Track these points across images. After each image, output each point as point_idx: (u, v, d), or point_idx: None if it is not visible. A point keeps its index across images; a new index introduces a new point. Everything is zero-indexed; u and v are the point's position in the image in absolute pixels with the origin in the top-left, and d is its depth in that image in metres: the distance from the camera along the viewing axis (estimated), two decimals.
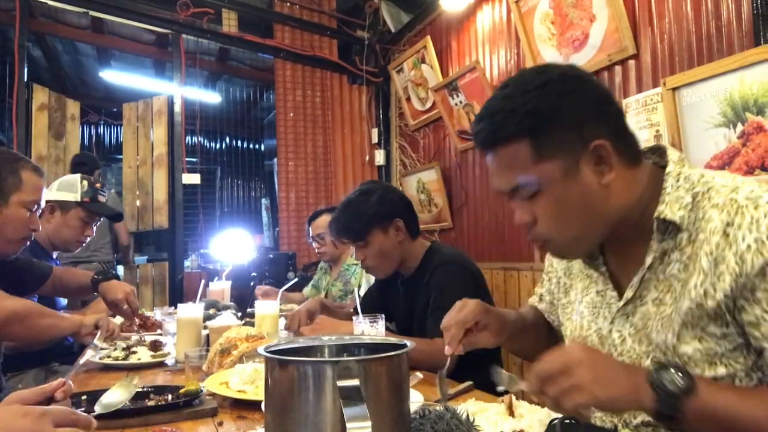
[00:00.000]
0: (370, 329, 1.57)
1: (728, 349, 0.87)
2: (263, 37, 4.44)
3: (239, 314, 2.31)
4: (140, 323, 2.22)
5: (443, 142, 3.95)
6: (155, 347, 1.82)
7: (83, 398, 1.17)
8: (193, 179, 4.25)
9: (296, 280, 2.87)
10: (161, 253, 5.90)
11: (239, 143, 7.48)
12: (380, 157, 4.63)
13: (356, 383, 0.64)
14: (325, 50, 4.62)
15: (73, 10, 4.00)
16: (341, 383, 0.64)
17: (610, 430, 1.06)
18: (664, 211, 0.91)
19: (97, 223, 2.63)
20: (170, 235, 4.38)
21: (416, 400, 1.14)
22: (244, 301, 2.96)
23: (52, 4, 3.86)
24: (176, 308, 1.99)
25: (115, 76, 5.60)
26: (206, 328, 1.88)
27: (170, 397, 1.24)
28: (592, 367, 0.82)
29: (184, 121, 4.28)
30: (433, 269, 1.85)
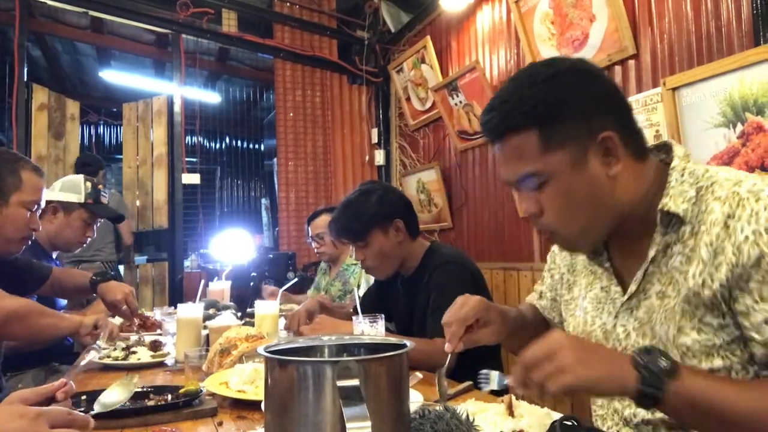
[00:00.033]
0: (369, 329, 1.57)
1: (726, 341, 0.87)
2: (263, 37, 4.44)
3: (239, 314, 2.31)
4: (140, 323, 2.22)
5: (443, 142, 3.95)
6: (155, 347, 1.81)
7: (83, 398, 1.17)
8: (192, 179, 4.25)
9: (296, 280, 2.87)
10: (161, 253, 5.90)
11: (239, 143, 7.47)
12: (380, 157, 4.63)
13: (356, 383, 0.64)
14: (324, 50, 4.62)
15: (72, 9, 4.00)
16: (341, 383, 0.64)
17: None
18: (668, 203, 0.91)
19: (98, 224, 2.64)
20: (170, 235, 4.38)
21: (416, 400, 1.14)
22: (243, 301, 2.96)
23: (51, 3, 3.86)
24: (176, 308, 1.99)
25: (114, 76, 5.60)
26: (206, 328, 1.88)
27: (170, 397, 1.24)
28: (575, 349, 0.82)
29: (183, 121, 4.28)
30: (433, 269, 1.85)
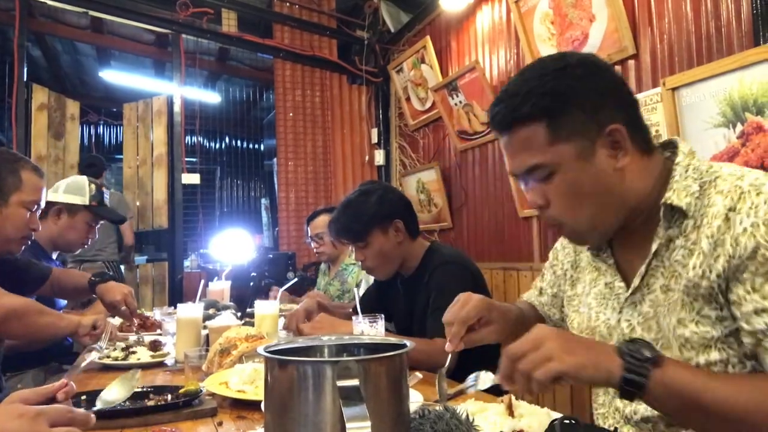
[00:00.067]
0: (369, 329, 1.57)
1: (723, 333, 0.88)
2: (263, 37, 4.44)
3: (239, 314, 2.31)
4: (140, 323, 2.22)
5: (443, 142, 3.95)
6: (155, 347, 1.81)
7: (82, 398, 1.17)
8: (192, 179, 4.25)
9: (296, 280, 2.87)
10: (161, 253, 5.90)
11: (239, 143, 7.47)
12: (380, 157, 4.63)
13: (356, 383, 0.64)
14: (324, 50, 4.62)
15: (72, 9, 4.00)
16: (341, 383, 0.64)
17: (609, 430, 1.06)
18: (671, 197, 0.92)
19: (99, 225, 2.65)
20: (170, 235, 4.38)
21: (416, 400, 1.14)
22: (243, 301, 2.96)
23: (51, 3, 3.86)
24: (176, 308, 1.99)
25: (114, 76, 5.60)
26: (206, 328, 1.88)
27: (170, 397, 1.24)
28: (560, 339, 0.85)
29: (183, 121, 4.28)
30: (432, 269, 1.85)
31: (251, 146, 7.44)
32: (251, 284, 3.46)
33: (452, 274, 1.82)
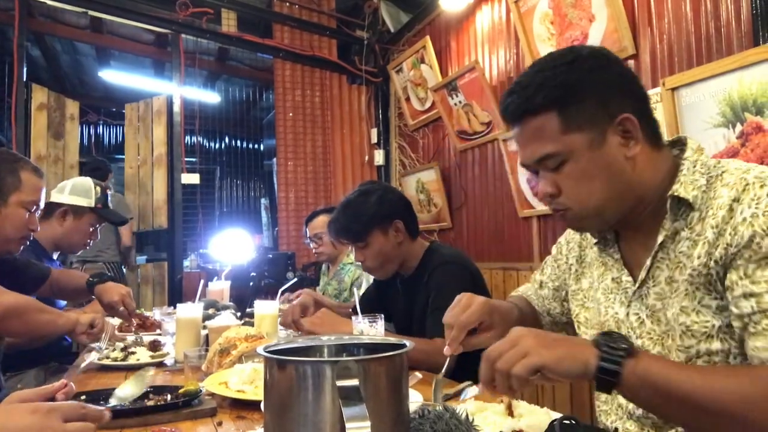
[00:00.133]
0: (369, 329, 1.57)
1: (725, 323, 0.89)
2: (262, 36, 4.44)
3: (238, 314, 2.31)
4: (139, 323, 2.22)
5: (442, 142, 3.95)
6: (154, 347, 1.81)
7: (82, 398, 1.17)
8: (192, 179, 4.25)
9: (296, 280, 2.87)
10: (160, 253, 5.90)
11: (238, 143, 7.47)
12: (379, 157, 4.63)
13: (355, 383, 0.64)
14: (324, 50, 4.62)
15: (72, 9, 4.00)
16: (340, 383, 0.64)
17: (609, 430, 1.06)
18: (678, 189, 0.94)
19: (101, 226, 2.66)
20: (169, 235, 4.38)
21: (416, 400, 1.14)
22: (243, 301, 2.96)
23: (51, 3, 3.86)
24: (175, 308, 1.99)
25: (114, 75, 5.59)
26: (205, 328, 1.88)
27: (169, 397, 1.23)
28: (536, 336, 0.87)
29: (183, 120, 4.28)
30: (432, 269, 1.85)
31: (251, 146, 7.44)
32: (251, 284, 3.46)
33: (452, 274, 1.82)
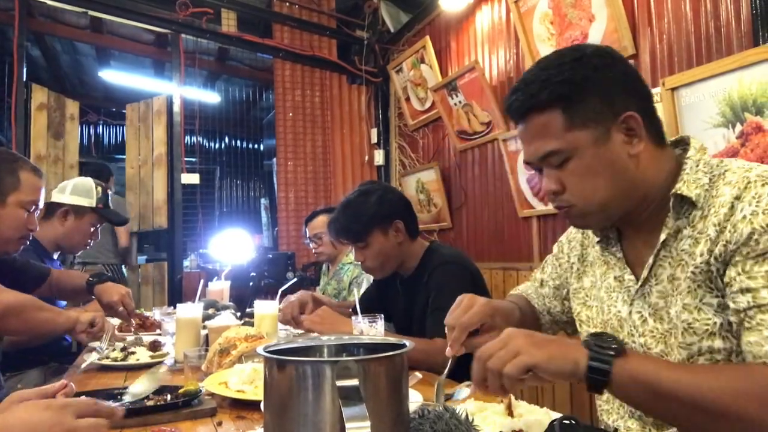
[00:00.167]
0: (369, 329, 1.57)
1: (726, 321, 0.89)
2: (262, 36, 4.44)
3: (238, 314, 2.31)
4: (139, 323, 2.22)
5: (442, 142, 3.95)
6: (154, 347, 1.81)
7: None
8: (192, 179, 4.24)
9: (296, 280, 2.87)
10: (160, 253, 5.90)
11: (238, 143, 7.47)
12: (379, 157, 4.63)
13: (355, 383, 0.64)
14: (324, 50, 4.62)
15: (72, 9, 3.99)
16: (340, 383, 0.64)
17: (609, 430, 1.06)
18: (681, 188, 0.94)
19: (101, 227, 2.67)
20: (169, 235, 4.38)
21: (415, 400, 1.14)
22: (243, 301, 2.96)
23: (51, 3, 3.85)
24: (175, 308, 1.99)
25: (114, 75, 5.59)
26: (205, 328, 1.88)
27: (169, 397, 1.24)
28: (527, 336, 0.88)
29: (183, 120, 4.27)
30: (432, 269, 1.85)
31: (251, 146, 7.43)
32: (251, 284, 3.46)
33: (452, 273, 1.82)
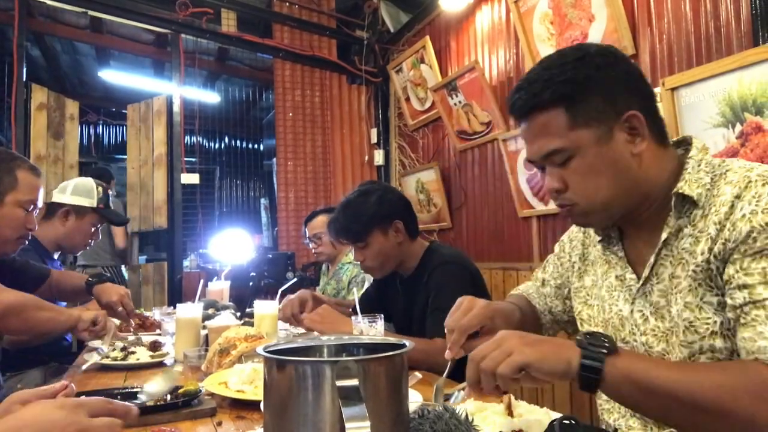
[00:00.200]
0: (369, 329, 1.57)
1: (727, 320, 0.89)
2: (262, 36, 4.44)
3: (238, 314, 2.31)
4: (139, 323, 2.22)
5: (442, 142, 3.95)
6: (154, 347, 1.81)
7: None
8: (192, 179, 4.24)
9: (296, 280, 2.87)
10: (160, 253, 5.90)
11: (238, 143, 7.47)
12: (379, 157, 4.63)
13: (355, 383, 0.64)
14: (324, 50, 4.62)
15: (72, 9, 3.99)
16: (340, 383, 0.64)
17: (609, 430, 1.06)
18: (683, 187, 0.94)
19: (101, 227, 2.67)
20: (169, 235, 4.37)
21: (415, 400, 1.14)
22: (243, 301, 2.96)
23: (50, 3, 3.85)
24: (175, 308, 1.99)
25: (114, 75, 5.59)
26: (205, 328, 1.88)
27: (169, 397, 1.23)
28: (519, 336, 0.89)
29: (183, 120, 4.27)
30: (432, 269, 1.85)
31: (250, 146, 7.44)
32: (250, 284, 3.46)
33: (451, 274, 1.82)
